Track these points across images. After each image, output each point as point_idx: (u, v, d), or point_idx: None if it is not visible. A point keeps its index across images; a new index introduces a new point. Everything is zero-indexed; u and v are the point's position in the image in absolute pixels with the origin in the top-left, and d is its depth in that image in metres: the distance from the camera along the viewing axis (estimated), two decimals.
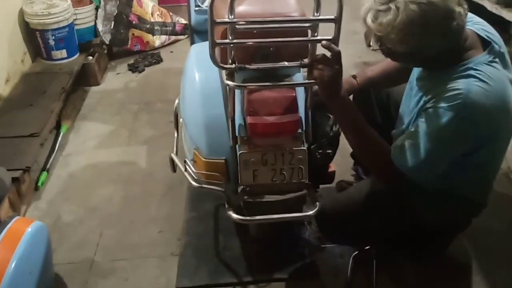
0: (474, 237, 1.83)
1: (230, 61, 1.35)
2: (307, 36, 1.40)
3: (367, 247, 1.77)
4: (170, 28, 3.77)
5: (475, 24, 1.37)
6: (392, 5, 1.23)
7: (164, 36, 3.73)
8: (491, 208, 1.52)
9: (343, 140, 1.53)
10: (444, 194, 1.44)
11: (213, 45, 1.28)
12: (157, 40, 3.68)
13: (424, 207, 1.46)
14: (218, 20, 1.26)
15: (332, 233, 1.64)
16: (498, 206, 1.95)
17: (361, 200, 1.53)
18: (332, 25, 1.28)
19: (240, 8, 1.35)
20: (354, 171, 2.21)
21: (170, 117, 2.68)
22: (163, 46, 3.73)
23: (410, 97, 1.47)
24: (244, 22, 1.27)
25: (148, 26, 3.60)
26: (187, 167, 1.57)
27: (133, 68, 3.41)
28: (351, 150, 1.95)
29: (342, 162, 2.10)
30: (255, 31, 1.31)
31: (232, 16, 1.28)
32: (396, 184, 1.40)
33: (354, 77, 1.75)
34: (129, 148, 2.53)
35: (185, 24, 3.81)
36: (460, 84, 1.25)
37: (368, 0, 1.31)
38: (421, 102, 1.35)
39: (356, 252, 1.77)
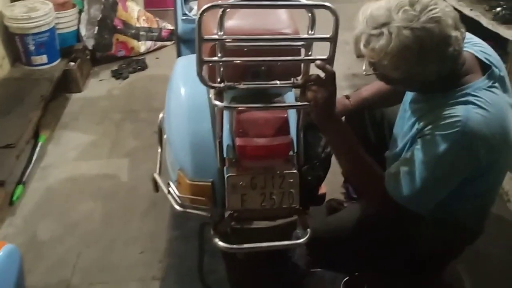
0: (469, 262, 1.77)
1: (218, 79, 1.27)
2: (300, 53, 1.33)
3: (358, 273, 1.69)
4: (156, 34, 3.68)
5: (473, 45, 1.31)
6: (384, 30, 1.16)
7: (150, 42, 3.64)
8: (487, 232, 1.47)
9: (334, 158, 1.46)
10: (439, 221, 1.37)
11: (200, 63, 1.20)
12: (143, 46, 3.58)
13: (418, 234, 1.39)
14: (206, 37, 1.17)
15: (322, 258, 1.57)
16: (494, 230, 1.89)
17: (353, 226, 1.45)
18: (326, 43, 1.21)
19: (229, 23, 1.26)
20: (344, 189, 2.14)
21: (154, 127, 2.58)
22: (148, 52, 3.64)
23: (404, 119, 1.40)
24: (234, 39, 1.19)
25: (133, 31, 3.50)
26: (170, 189, 1.48)
27: (117, 75, 3.31)
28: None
29: (332, 180, 2.02)
30: (245, 49, 1.23)
31: (222, 33, 1.19)
32: (389, 212, 1.33)
33: (347, 97, 1.68)
34: (111, 160, 2.44)
35: (172, 30, 3.71)
36: (459, 111, 1.19)
37: (360, 23, 1.24)
38: (416, 127, 1.29)
39: (347, 278, 1.70)
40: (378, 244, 1.44)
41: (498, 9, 2.05)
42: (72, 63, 3.08)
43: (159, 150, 1.85)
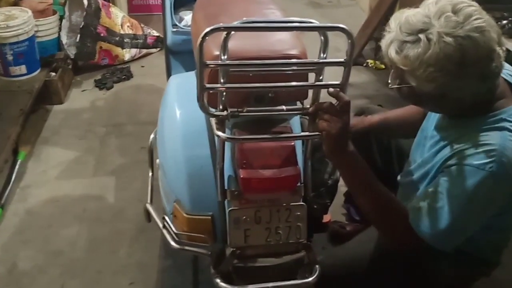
0: None
1: (221, 106, 1.15)
2: (307, 76, 1.23)
3: None
4: (141, 41, 3.53)
5: (503, 69, 1.21)
6: (422, 36, 1.05)
7: (135, 50, 3.49)
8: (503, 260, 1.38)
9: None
10: (460, 256, 1.27)
11: (201, 90, 1.08)
12: (127, 53, 3.44)
13: (436, 269, 1.30)
14: (209, 62, 1.05)
15: None
16: (507, 256, 1.82)
17: (367, 261, 1.35)
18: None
19: (232, 45, 1.14)
20: (346, 210, 2.04)
21: (142, 142, 2.47)
22: (133, 60, 3.49)
23: (424, 146, 1.30)
24: (240, 65, 1.07)
25: (117, 38, 3.35)
26: (165, 224, 1.36)
27: (100, 85, 3.16)
28: (343, 189, 1.80)
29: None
30: (251, 74, 1.11)
31: (225, 57, 1.08)
32: (412, 249, 1.23)
33: (364, 115, 1.59)
34: (95, 179, 2.29)
35: (157, 36, 3.58)
36: (493, 139, 1.08)
37: (392, 29, 1.12)
38: (442, 155, 1.18)
39: None
40: (390, 279, 1.34)
41: (504, 22, 1.98)
42: (53, 73, 2.93)
43: (150, 174, 1.73)
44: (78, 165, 2.39)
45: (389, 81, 1.21)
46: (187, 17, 2.18)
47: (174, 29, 2.09)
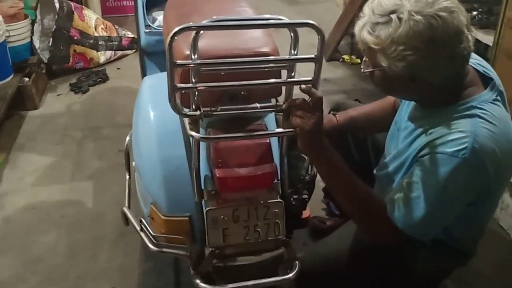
0: (460, 281, 1.70)
1: (193, 106, 1.14)
2: (280, 73, 1.23)
3: None
4: (116, 43, 3.51)
5: (471, 58, 1.23)
6: (393, 16, 1.06)
7: (110, 52, 3.46)
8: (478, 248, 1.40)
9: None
10: (438, 247, 1.29)
11: (173, 90, 1.07)
12: (102, 56, 3.41)
13: (415, 261, 1.31)
14: (179, 62, 1.05)
15: None
16: (484, 247, 1.85)
17: (346, 255, 1.35)
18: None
19: (203, 44, 1.14)
20: (325, 205, 2.05)
21: (119, 145, 2.44)
22: (108, 62, 3.47)
23: (398, 138, 1.31)
24: (210, 64, 1.07)
25: (91, 41, 3.32)
26: (143, 226, 1.35)
27: (76, 88, 3.13)
28: (322, 184, 1.80)
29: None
30: (223, 73, 1.11)
31: (195, 56, 1.07)
32: (390, 241, 1.24)
33: (333, 114, 1.58)
34: (73, 184, 2.26)
35: (132, 37, 3.55)
36: (465, 126, 1.09)
37: (365, 13, 1.13)
38: (416, 145, 1.18)
39: None
40: (370, 272, 1.35)
41: (474, 13, 2.01)
42: (26, 79, 2.88)
43: (127, 177, 1.71)
44: (55, 171, 2.36)
45: (362, 67, 1.22)
46: (160, 17, 2.16)
47: (147, 30, 2.07)
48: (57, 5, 3.09)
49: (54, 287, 1.74)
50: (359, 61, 3.31)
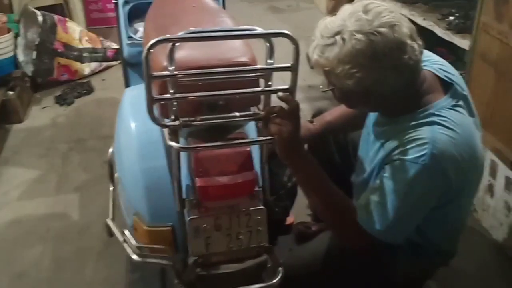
0: (443, 279, 1.73)
1: (172, 116, 1.16)
2: (258, 82, 1.24)
3: None
4: (101, 54, 3.51)
5: (432, 64, 1.25)
6: (337, 37, 1.10)
7: (95, 63, 3.47)
8: (460, 249, 1.42)
9: None
10: (414, 248, 1.31)
11: (151, 102, 1.08)
12: (87, 67, 3.41)
13: (393, 262, 1.33)
14: (155, 74, 1.06)
15: None
16: (465, 245, 1.86)
17: (325, 258, 1.37)
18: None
19: (180, 55, 1.16)
20: (311, 211, 2.06)
21: (105, 156, 2.42)
22: (93, 74, 3.47)
23: (368, 143, 1.34)
24: (187, 75, 1.08)
25: (75, 53, 3.33)
26: (125, 238, 1.35)
27: (61, 101, 3.13)
28: None
29: (296, 201, 1.95)
30: (200, 83, 1.12)
31: (172, 68, 1.08)
32: (362, 246, 1.25)
33: (310, 121, 1.60)
34: (59, 197, 2.26)
35: (117, 49, 3.55)
36: (424, 133, 1.12)
37: (315, 38, 1.17)
38: (382, 152, 1.22)
39: None
40: (351, 275, 1.37)
41: (451, 18, 2.04)
42: (10, 92, 2.88)
43: (111, 188, 1.71)
44: (40, 184, 2.35)
45: (320, 85, 1.26)
46: (141, 28, 2.17)
47: (130, 41, 2.09)
48: (40, 18, 3.09)
49: None
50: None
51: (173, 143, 1.14)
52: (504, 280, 1.81)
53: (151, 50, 1.02)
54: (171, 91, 1.11)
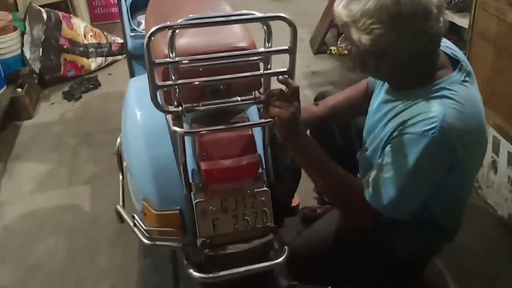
0: (448, 258, 1.75)
1: (175, 102, 1.19)
2: (259, 66, 1.27)
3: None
4: (106, 49, 3.55)
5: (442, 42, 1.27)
6: None
7: (100, 58, 3.51)
8: (465, 226, 1.44)
9: None
10: (419, 224, 1.33)
11: (154, 89, 1.12)
12: (93, 63, 3.45)
13: (399, 240, 1.35)
14: (157, 61, 1.09)
15: (302, 274, 1.51)
16: (470, 223, 1.88)
17: (330, 237, 1.40)
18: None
19: (181, 42, 1.19)
20: (317, 193, 2.09)
21: (113, 149, 2.46)
22: (100, 68, 3.51)
23: (373, 120, 1.35)
24: (188, 61, 1.11)
25: (81, 49, 3.36)
26: (136, 222, 1.39)
27: (68, 96, 3.17)
28: None
29: (302, 186, 1.98)
30: (201, 69, 1.15)
31: (173, 54, 1.12)
32: (370, 223, 1.28)
33: (315, 104, 1.62)
34: (70, 189, 2.31)
35: (122, 43, 3.58)
36: (434, 107, 1.13)
37: None
38: (390, 127, 1.22)
39: None
40: (357, 253, 1.39)
41: None
42: (19, 89, 2.93)
43: (121, 177, 1.75)
44: (51, 178, 2.40)
45: (338, 42, 1.28)
46: (144, 21, 2.20)
47: (133, 34, 2.12)
48: (44, 15, 3.13)
49: None
50: (346, 52, 3.34)
51: (176, 128, 1.17)
52: (511, 256, 1.83)
53: (151, 38, 1.05)
54: (173, 77, 1.14)
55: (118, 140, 1.79)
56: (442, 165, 1.17)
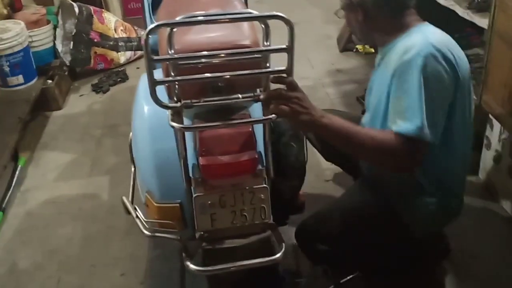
0: (457, 263, 1.72)
1: (175, 98, 1.22)
2: (260, 65, 1.28)
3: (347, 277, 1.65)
4: (135, 43, 3.62)
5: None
6: None
7: (130, 52, 3.59)
8: (473, 230, 1.42)
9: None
10: (431, 188, 1.40)
11: (152, 84, 1.15)
12: (122, 56, 3.53)
13: (411, 213, 1.41)
14: (155, 57, 1.13)
15: (313, 251, 1.54)
16: (479, 229, 1.85)
17: (344, 214, 1.46)
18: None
19: (184, 39, 1.21)
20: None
21: None
22: (129, 62, 3.59)
23: (371, 90, 1.48)
24: (186, 57, 1.14)
25: (111, 43, 3.45)
26: (137, 213, 1.43)
27: (97, 89, 3.26)
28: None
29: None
30: (200, 65, 1.18)
31: (172, 51, 1.14)
32: (410, 165, 1.29)
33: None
34: (91, 179, 2.39)
35: None
36: (416, 36, 1.29)
37: None
38: (388, 74, 1.32)
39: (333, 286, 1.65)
40: (370, 227, 1.43)
41: None
42: (50, 81, 3.03)
43: (132, 169, 1.80)
44: (75, 167, 2.49)
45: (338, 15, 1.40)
46: None
47: None
48: (76, 10, 3.23)
49: (69, 274, 1.86)
50: (373, 51, 3.31)
51: (174, 124, 1.20)
52: None
53: (149, 36, 1.08)
54: (172, 74, 1.17)
55: (131, 134, 1.84)
56: (445, 75, 1.26)
